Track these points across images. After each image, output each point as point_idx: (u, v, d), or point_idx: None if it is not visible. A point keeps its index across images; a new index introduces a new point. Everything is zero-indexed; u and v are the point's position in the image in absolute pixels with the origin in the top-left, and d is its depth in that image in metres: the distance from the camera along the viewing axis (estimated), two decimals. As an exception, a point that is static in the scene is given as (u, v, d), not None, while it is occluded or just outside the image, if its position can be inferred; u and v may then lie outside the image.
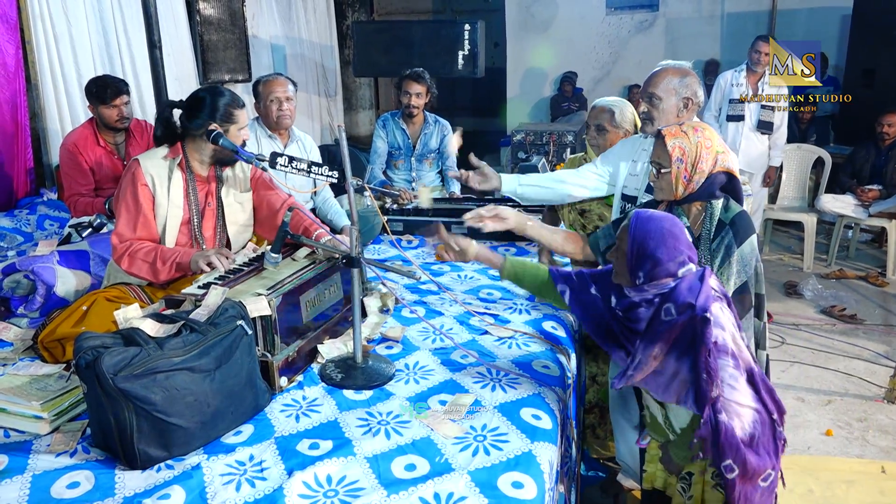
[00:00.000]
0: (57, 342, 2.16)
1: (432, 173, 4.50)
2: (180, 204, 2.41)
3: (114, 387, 1.53)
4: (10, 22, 3.94)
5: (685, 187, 1.98)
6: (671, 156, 1.96)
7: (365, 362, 2.02)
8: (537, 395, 1.88)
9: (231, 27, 6.12)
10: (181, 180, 2.41)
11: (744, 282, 1.95)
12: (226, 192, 2.52)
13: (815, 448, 3.30)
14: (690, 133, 1.98)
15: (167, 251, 2.32)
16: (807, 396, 3.76)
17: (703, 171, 1.96)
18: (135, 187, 2.35)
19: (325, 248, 2.23)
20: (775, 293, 5.23)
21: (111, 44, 4.74)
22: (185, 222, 2.43)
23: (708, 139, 1.97)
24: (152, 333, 1.68)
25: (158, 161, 2.40)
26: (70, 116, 4.33)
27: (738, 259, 1.94)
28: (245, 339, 1.77)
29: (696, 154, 1.95)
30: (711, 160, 1.96)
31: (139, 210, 2.35)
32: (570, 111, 8.09)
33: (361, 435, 1.71)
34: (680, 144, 1.96)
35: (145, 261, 2.32)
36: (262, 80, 3.52)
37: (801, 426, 3.47)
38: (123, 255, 2.33)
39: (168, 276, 2.33)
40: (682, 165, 1.95)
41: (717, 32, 8.05)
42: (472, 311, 2.45)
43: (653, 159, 2.05)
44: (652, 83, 2.43)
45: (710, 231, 1.98)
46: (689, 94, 2.39)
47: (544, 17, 8.45)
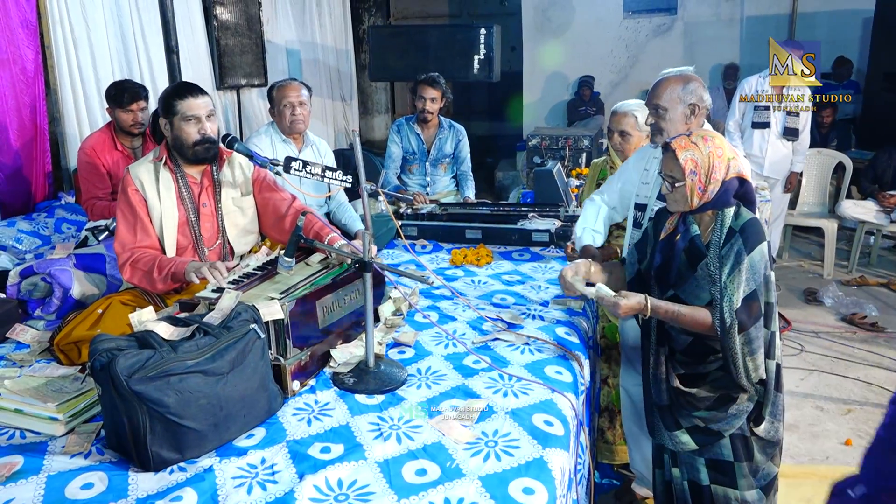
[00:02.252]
0: (73, 344, 2.20)
1: (447, 178, 4.51)
2: (174, 205, 2.43)
3: (128, 389, 1.56)
4: (31, 27, 4.00)
5: (700, 198, 1.97)
6: (684, 169, 1.95)
7: (377, 367, 2.03)
8: (549, 402, 1.89)
9: (248, 32, 6.18)
10: (171, 181, 2.43)
11: (753, 290, 1.94)
12: (224, 194, 2.52)
13: (834, 458, 3.27)
14: (701, 143, 1.97)
15: (165, 261, 2.32)
16: (826, 405, 3.73)
17: (717, 181, 1.96)
18: (126, 194, 2.39)
19: (338, 253, 2.25)
20: (795, 300, 5.19)
21: (129, 49, 4.80)
22: (182, 223, 2.44)
23: (719, 147, 1.97)
24: (166, 336, 1.71)
25: (146, 165, 2.44)
26: (88, 121, 4.39)
27: (748, 267, 1.93)
28: (258, 342, 1.79)
29: (709, 164, 1.95)
30: (724, 168, 1.96)
31: (135, 215, 2.38)
32: (588, 115, 8.07)
33: (373, 439, 1.72)
34: (692, 157, 1.95)
35: (143, 270, 2.33)
36: (277, 85, 3.56)
37: (820, 435, 3.44)
38: (125, 264, 2.36)
39: (165, 287, 2.34)
40: (695, 178, 1.95)
41: (737, 36, 8.00)
42: (484, 316, 2.46)
43: (665, 172, 2.03)
44: (656, 95, 2.41)
45: (720, 238, 1.98)
46: (694, 100, 2.37)
47: (561, 20, 8.44)
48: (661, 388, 2.13)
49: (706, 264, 1.99)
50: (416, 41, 6.84)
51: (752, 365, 1.97)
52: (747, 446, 2.05)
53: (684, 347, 2.10)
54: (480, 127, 9.86)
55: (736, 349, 1.94)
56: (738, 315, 1.93)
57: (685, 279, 2.04)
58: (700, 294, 2.01)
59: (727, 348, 1.96)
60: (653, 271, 2.14)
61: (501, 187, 7.95)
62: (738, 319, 1.93)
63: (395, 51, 6.88)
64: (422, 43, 6.82)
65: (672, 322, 2.04)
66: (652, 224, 2.23)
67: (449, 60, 6.66)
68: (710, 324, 1.97)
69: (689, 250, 2.04)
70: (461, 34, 6.81)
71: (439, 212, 3.76)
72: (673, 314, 2.01)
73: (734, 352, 1.95)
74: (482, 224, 3.51)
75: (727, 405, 2.04)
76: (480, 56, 6.72)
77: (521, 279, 2.94)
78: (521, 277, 2.97)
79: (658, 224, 2.19)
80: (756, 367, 1.97)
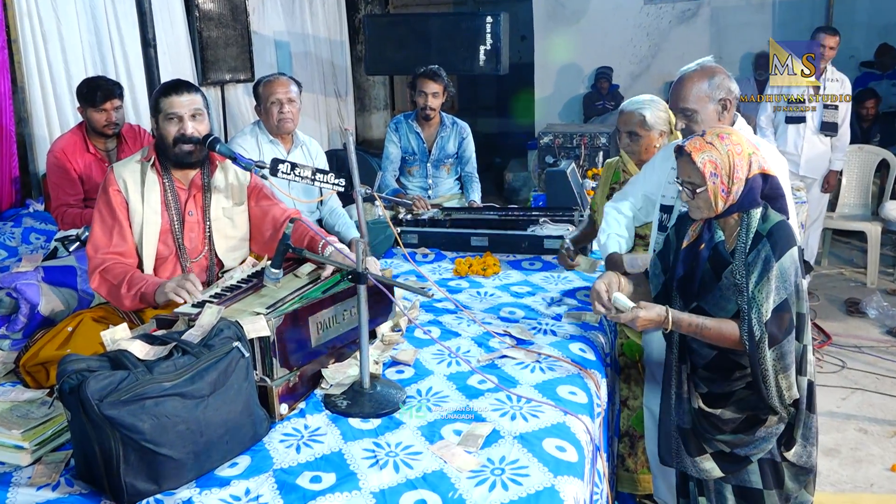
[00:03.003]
0: (40, 366, 2.21)
1: (450, 180, 4.53)
2: (158, 210, 2.44)
3: (99, 414, 1.56)
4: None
5: (725, 201, 1.98)
6: (703, 172, 1.95)
7: (373, 388, 2.04)
8: (562, 425, 1.89)
9: (232, 22, 6.22)
10: (157, 184, 2.45)
11: (784, 299, 1.94)
12: (214, 203, 2.53)
13: (880, 485, 3.25)
14: (717, 142, 1.97)
15: (137, 278, 2.33)
16: (870, 427, 3.71)
17: (740, 179, 1.96)
18: (107, 194, 2.41)
19: (330, 263, 2.25)
20: (835, 311, 5.18)
21: (103, 43, 4.83)
22: (164, 231, 2.46)
23: (736, 143, 1.97)
24: (141, 356, 1.71)
25: (132, 165, 2.46)
26: (59, 121, 4.42)
27: (778, 274, 1.93)
28: (242, 362, 1.79)
29: (730, 163, 1.95)
30: (746, 165, 1.97)
31: (114, 217, 2.40)
32: (606, 110, 8.08)
33: (368, 468, 1.72)
34: (710, 158, 1.96)
35: (112, 282, 2.34)
36: (263, 80, 3.58)
37: (864, 460, 3.42)
38: (95, 270, 2.37)
39: (132, 305, 2.34)
40: (717, 180, 1.95)
41: (768, 21, 8.00)
42: (491, 331, 2.46)
43: (683, 179, 2.03)
44: (681, 97, 2.39)
45: (745, 244, 1.98)
46: (723, 94, 2.37)
47: (576, 7, 8.46)
48: (684, 410, 2.13)
49: (731, 272, 1.99)
50: (416, 31, 6.87)
51: (784, 383, 1.96)
52: (777, 472, 2.05)
53: (707, 363, 2.10)
54: (488, 124, 9.90)
55: (767, 365, 1.94)
56: (768, 327, 1.92)
57: (709, 289, 2.04)
58: (726, 305, 2.01)
59: (756, 364, 1.95)
60: (675, 282, 2.14)
61: (511, 190, 7.97)
62: (768, 332, 1.92)
63: (394, 42, 6.92)
64: (423, 33, 6.85)
65: (696, 336, 2.04)
66: (673, 230, 2.23)
67: (452, 52, 6.69)
68: (737, 338, 1.97)
69: (713, 258, 2.04)
70: (465, 23, 6.84)
71: (442, 217, 3.77)
72: (697, 328, 2.01)
73: (764, 368, 1.94)
74: (489, 230, 3.52)
75: (755, 427, 2.03)
76: (487, 47, 6.75)
77: (532, 291, 2.95)
78: (532, 289, 2.97)
79: (680, 231, 2.19)
80: (789, 385, 1.97)
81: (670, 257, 2.20)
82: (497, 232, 3.51)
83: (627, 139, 2.98)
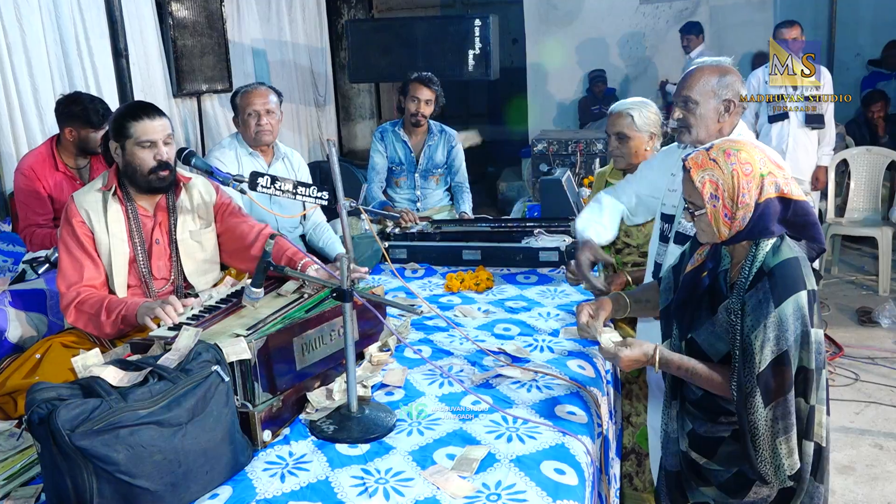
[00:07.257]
0: (8, 396, 2.20)
1: (439, 191, 4.54)
2: (125, 239, 2.46)
3: (70, 444, 1.55)
4: (-43, 32, 4.04)
5: (729, 227, 1.82)
6: (702, 193, 1.81)
7: (361, 411, 2.04)
8: (561, 446, 1.89)
9: (208, 31, 6.23)
10: (120, 213, 2.46)
11: (783, 351, 1.75)
12: (181, 226, 2.55)
13: (898, 504, 3.26)
14: (722, 159, 1.81)
15: (114, 302, 2.34)
16: (885, 443, 3.72)
17: (746, 204, 1.80)
18: (71, 225, 2.42)
19: (313, 281, 2.26)
20: (847, 321, 5.20)
21: (70, 54, 4.82)
22: (132, 260, 2.47)
23: (745, 162, 1.80)
24: (115, 383, 1.71)
25: (93, 194, 2.47)
26: (26, 137, 4.41)
27: (776, 322, 1.75)
28: (221, 387, 1.79)
29: (734, 185, 1.79)
30: (756, 187, 1.79)
31: (82, 249, 2.41)
32: (602, 115, 8.13)
33: (356, 496, 1.72)
34: (710, 177, 1.81)
35: (89, 312, 2.34)
36: (241, 91, 3.59)
37: (880, 478, 3.43)
38: (70, 306, 2.37)
39: (114, 331, 2.35)
40: (718, 203, 1.80)
41: (770, 20, 8.05)
42: (485, 349, 2.47)
43: (685, 197, 1.91)
44: (686, 86, 2.41)
45: (746, 279, 1.82)
46: (730, 95, 2.38)
47: (569, 8, 8.52)
48: (670, 451, 2.05)
49: (727, 309, 1.84)
50: (402, 36, 6.91)
51: (784, 448, 1.77)
52: None
53: (696, 399, 1.98)
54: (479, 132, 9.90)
55: (757, 424, 1.77)
56: (759, 381, 1.75)
57: (702, 322, 1.92)
58: (716, 344, 1.89)
59: (745, 422, 1.78)
60: (672, 308, 2.04)
61: (504, 200, 7.99)
62: (761, 387, 1.75)
63: (379, 47, 6.96)
64: (409, 38, 6.89)
65: (687, 380, 1.93)
66: (689, 246, 2.10)
67: (440, 57, 6.73)
68: (727, 386, 1.84)
69: (713, 288, 1.92)
70: (453, 27, 6.89)
71: (432, 230, 3.78)
72: (687, 371, 1.89)
73: (754, 426, 1.77)
74: (481, 243, 3.53)
75: (744, 491, 1.89)
76: (476, 51, 6.79)
77: (528, 306, 2.95)
78: (528, 304, 2.98)
79: (691, 251, 2.07)
80: (790, 451, 1.77)
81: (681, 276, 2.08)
82: (490, 245, 3.51)
83: (616, 141, 3.01)
